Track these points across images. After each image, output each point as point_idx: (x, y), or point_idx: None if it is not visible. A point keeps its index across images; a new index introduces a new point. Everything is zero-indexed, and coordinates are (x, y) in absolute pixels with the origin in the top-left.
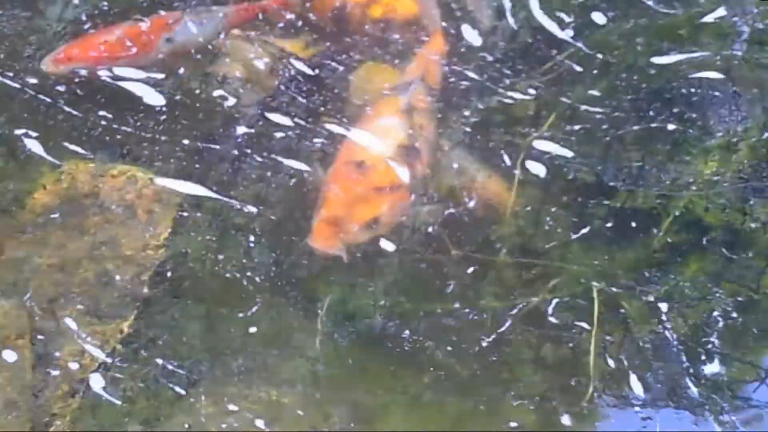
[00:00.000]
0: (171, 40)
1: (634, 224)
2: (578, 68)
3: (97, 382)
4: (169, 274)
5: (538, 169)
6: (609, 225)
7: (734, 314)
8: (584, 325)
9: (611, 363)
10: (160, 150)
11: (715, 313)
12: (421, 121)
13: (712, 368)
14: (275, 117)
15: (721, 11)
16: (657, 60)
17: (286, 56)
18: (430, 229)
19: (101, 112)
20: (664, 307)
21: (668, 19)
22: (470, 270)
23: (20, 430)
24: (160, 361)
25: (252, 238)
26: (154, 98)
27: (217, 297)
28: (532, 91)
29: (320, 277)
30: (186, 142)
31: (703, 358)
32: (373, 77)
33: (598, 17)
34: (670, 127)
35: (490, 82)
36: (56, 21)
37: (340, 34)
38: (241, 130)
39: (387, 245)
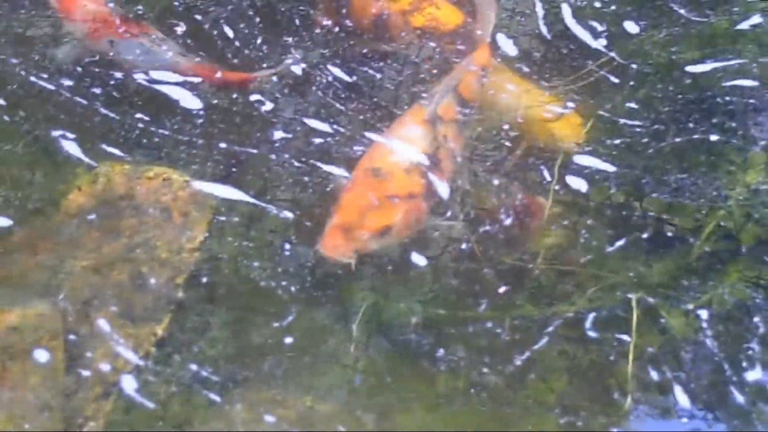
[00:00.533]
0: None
1: (672, 234)
2: (614, 79)
3: (129, 384)
4: (204, 278)
5: (578, 183)
6: (647, 235)
7: None
8: (623, 336)
9: (651, 373)
10: (196, 153)
11: (756, 319)
12: (447, 131)
13: (755, 375)
14: (313, 122)
15: (756, 18)
16: (692, 69)
17: (323, 62)
18: (463, 245)
19: (138, 115)
20: (704, 314)
21: (702, 27)
22: (506, 281)
23: (53, 431)
24: (194, 366)
25: (287, 245)
26: (191, 102)
27: (252, 303)
28: (570, 104)
29: (355, 284)
30: (223, 145)
31: (745, 365)
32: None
33: (631, 26)
34: (712, 138)
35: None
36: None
37: (379, 42)
38: (278, 134)
39: (420, 257)
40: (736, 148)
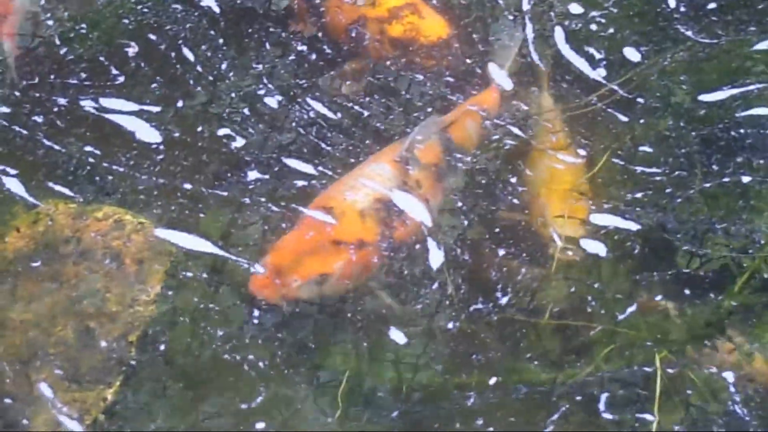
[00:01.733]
0: None
1: (703, 286)
2: (622, 117)
3: None
4: (160, 336)
5: (596, 248)
6: (675, 286)
7: None
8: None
9: None
10: (154, 194)
11: None
12: (422, 177)
13: None
14: (293, 162)
15: None
16: (706, 98)
17: (300, 94)
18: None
19: (86, 148)
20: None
21: (713, 50)
22: (510, 337)
23: None
24: None
25: (255, 304)
26: (148, 134)
27: (214, 366)
28: (582, 151)
29: (334, 348)
30: (187, 186)
31: None
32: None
33: (632, 53)
34: (744, 179)
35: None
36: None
37: (359, 56)
38: (252, 174)
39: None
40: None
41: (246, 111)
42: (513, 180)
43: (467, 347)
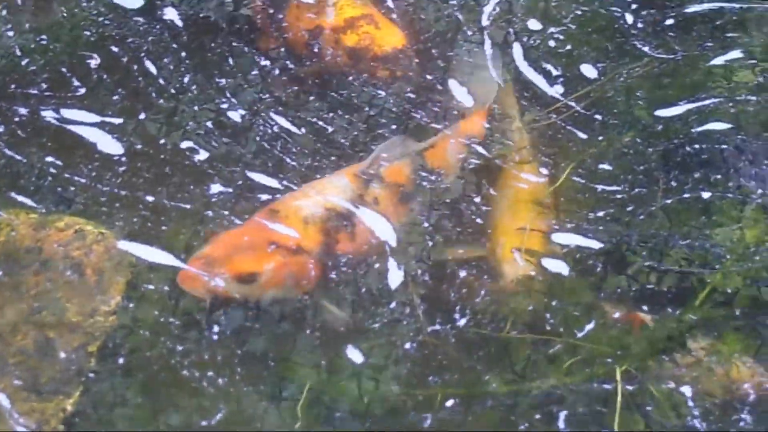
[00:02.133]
0: None
1: (664, 301)
2: (581, 134)
3: None
4: (119, 347)
5: (558, 265)
6: (636, 302)
7: None
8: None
9: None
10: (116, 205)
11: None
12: (382, 194)
13: None
14: (258, 176)
15: (733, 53)
16: (662, 113)
17: (264, 109)
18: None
19: (48, 158)
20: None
21: (668, 65)
22: (469, 352)
23: None
24: None
25: (215, 318)
26: (110, 146)
27: (174, 378)
28: (543, 170)
29: (294, 360)
30: (149, 198)
31: None
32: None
33: (588, 69)
34: (704, 195)
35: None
36: None
37: (318, 66)
38: (215, 188)
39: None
40: (727, 203)
41: (209, 124)
42: (477, 199)
43: (428, 361)
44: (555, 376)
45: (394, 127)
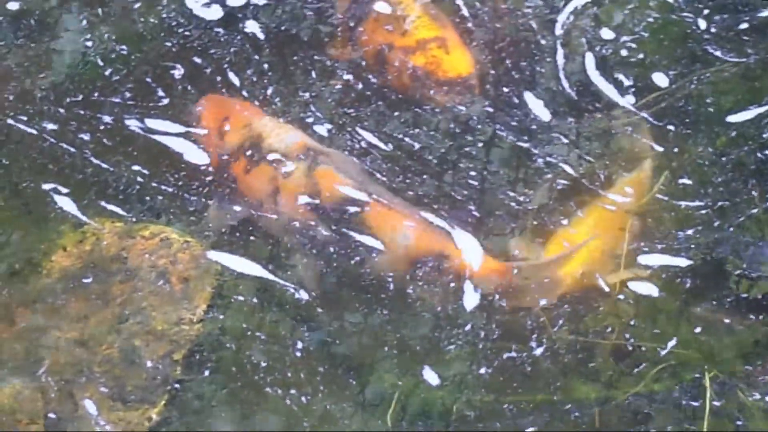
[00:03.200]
0: None
1: (754, 308)
2: (657, 147)
3: None
4: (205, 355)
5: (648, 289)
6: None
7: None
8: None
9: None
10: (202, 214)
11: None
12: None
13: None
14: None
15: None
16: (734, 119)
17: (349, 123)
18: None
19: (134, 167)
20: None
21: (740, 68)
22: (564, 357)
23: None
24: None
25: (303, 326)
26: (197, 156)
27: (260, 387)
28: (628, 189)
29: (380, 368)
30: (236, 208)
31: None
32: None
33: (660, 78)
34: None
35: (585, 179)
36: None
37: (378, 76)
38: (303, 199)
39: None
40: None
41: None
42: (564, 221)
43: (513, 367)
44: (643, 381)
45: (480, 144)
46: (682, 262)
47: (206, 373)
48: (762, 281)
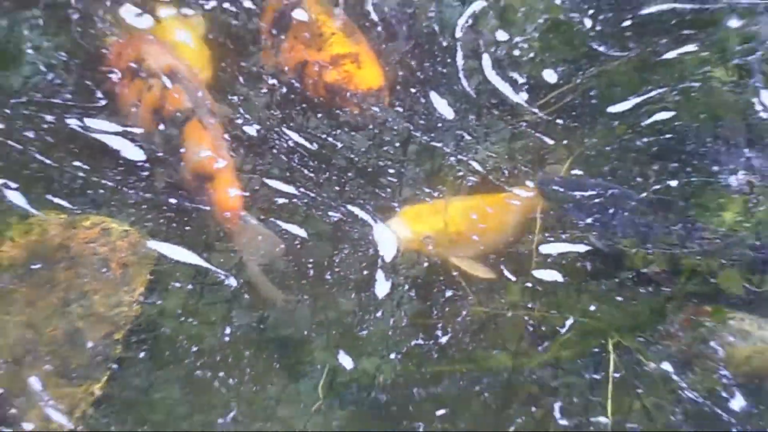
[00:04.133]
0: None
1: (650, 284)
2: (548, 140)
3: None
4: (144, 334)
5: (551, 275)
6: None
7: None
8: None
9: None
10: (140, 206)
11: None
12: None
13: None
14: (275, 183)
15: (685, 48)
16: (614, 109)
17: (277, 125)
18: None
19: (76, 163)
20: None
21: (621, 62)
22: (476, 325)
23: None
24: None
25: (235, 306)
26: (133, 153)
27: (197, 361)
28: (529, 183)
29: (310, 344)
30: (172, 200)
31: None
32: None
33: (550, 75)
34: (672, 184)
35: (491, 175)
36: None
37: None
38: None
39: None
40: (706, 189)
41: (226, 137)
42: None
43: (432, 338)
44: (551, 350)
45: (397, 144)
46: (582, 247)
47: (143, 353)
48: (655, 257)
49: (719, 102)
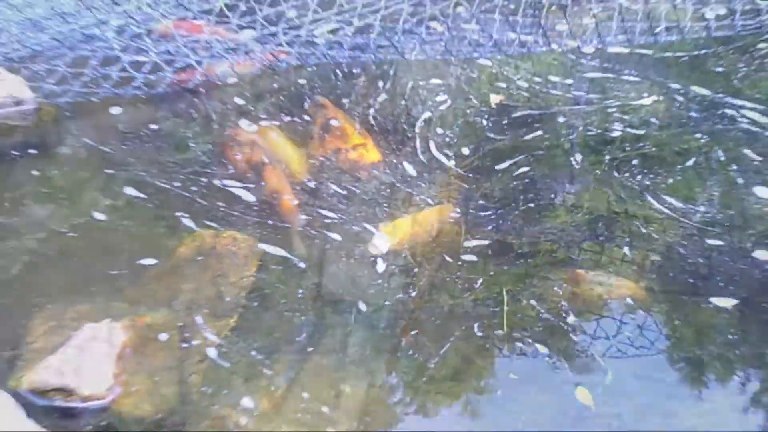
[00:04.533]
0: None
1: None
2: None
3: (213, 353)
4: (256, 292)
5: (471, 258)
6: (517, 263)
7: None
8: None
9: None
10: (255, 225)
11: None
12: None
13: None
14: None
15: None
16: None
17: (324, 181)
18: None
19: (219, 203)
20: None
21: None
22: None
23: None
24: (254, 345)
25: (302, 285)
26: (247, 195)
27: (287, 313)
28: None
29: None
30: (270, 221)
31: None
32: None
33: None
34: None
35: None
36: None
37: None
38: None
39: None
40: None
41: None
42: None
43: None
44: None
45: (387, 191)
46: (487, 242)
47: (256, 303)
48: (540, 248)
49: None
